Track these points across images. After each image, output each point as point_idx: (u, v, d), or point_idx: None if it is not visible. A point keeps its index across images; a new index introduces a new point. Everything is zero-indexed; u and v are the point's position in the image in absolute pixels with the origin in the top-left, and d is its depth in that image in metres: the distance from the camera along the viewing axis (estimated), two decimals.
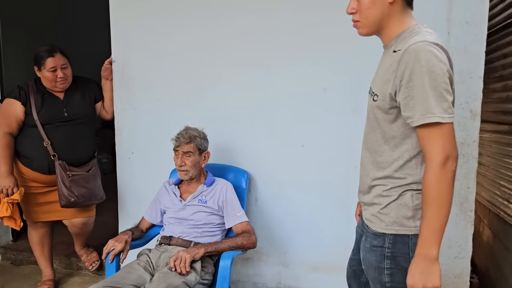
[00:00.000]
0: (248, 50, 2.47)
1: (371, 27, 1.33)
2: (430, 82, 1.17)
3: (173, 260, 1.92)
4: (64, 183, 2.45)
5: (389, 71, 1.27)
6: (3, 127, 2.46)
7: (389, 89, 1.26)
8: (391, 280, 1.33)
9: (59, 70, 2.46)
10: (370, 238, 1.38)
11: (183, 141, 2.19)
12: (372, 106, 1.35)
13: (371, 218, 1.39)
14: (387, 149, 1.33)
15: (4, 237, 3.28)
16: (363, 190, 1.45)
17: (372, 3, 1.29)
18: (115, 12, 2.69)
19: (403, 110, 1.24)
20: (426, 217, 1.22)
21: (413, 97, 1.20)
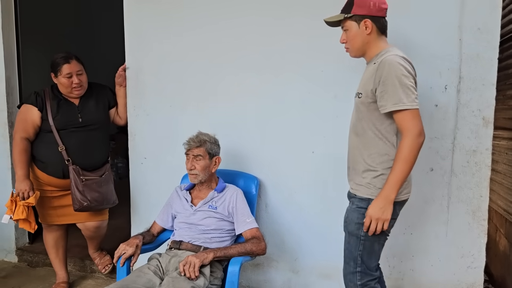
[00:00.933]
0: (258, 57, 2.49)
1: (357, 51, 1.85)
2: (400, 81, 1.64)
3: (182, 264, 1.94)
4: (78, 187, 2.50)
5: (370, 76, 1.74)
6: (20, 132, 2.52)
7: (370, 87, 1.73)
8: (365, 234, 1.75)
9: (74, 76, 2.52)
10: (357, 202, 1.80)
11: (193, 144, 2.22)
12: (357, 102, 1.82)
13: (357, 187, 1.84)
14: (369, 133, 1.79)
15: (21, 240, 3.35)
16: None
17: (356, 35, 1.80)
18: (130, 20, 2.76)
19: (378, 101, 1.70)
20: (395, 170, 1.67)
21: (386, 92, 1.66)
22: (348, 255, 1.83)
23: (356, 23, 1.79)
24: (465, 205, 2.22)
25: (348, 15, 1.79)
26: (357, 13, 1.77)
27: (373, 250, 1.79)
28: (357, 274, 1.79)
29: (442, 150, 2.23)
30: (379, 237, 1.77)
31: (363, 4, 1.76)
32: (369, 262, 1.79)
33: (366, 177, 1.78)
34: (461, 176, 2.21)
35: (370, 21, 1.76)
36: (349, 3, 1.80)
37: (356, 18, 1.78)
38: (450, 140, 2.22)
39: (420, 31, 2.18)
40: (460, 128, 2.19)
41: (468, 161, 2.20)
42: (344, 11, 1.82)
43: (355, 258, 1.79)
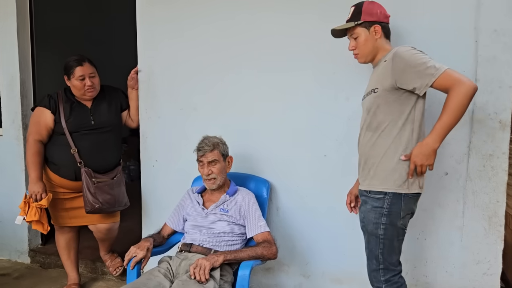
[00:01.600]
0: (270, 60, 2.48)
1: (367, 56, 1.95)
2: (421, 57, 1.73)
3: (192, 267, 1.93)
4: (89, 189, 2.51)
5: (384, 72, 1.82)
6: (34, 135, 2.55)
7: (388, 81, 1.79)
8: (384, 233, 1.82)
9: (87, 78, 2.54)
10: (371, 201, 1.85)
11: (207, 149, 2.20)
12: (372, 98, 1.87)
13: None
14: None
15: (33, 241, 3.39)
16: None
17: (366, 40, 1.91)
18: (142, 24, 2.78)
19: (410, 85, 1.74)
20: (442, 119, 1.70)
21: (416, 72, 1.72)
22: (370, 254, 1.90)
23: (366, 29, 1.91)
24: (481, 210, 2.18)
25: (359, 22, 1.90)
26: (367, 20, 1.90)
27: (393, 247, 1.85)
28: (380, 271, 1.86)
29: (457, 154, 2.19)
30: (397, 233, 1.84)
31: (371, 11, 1.90)
32: (390, 258, 1.85)
33: (384, 169, 1.83)
34: (476, 181, 2.17)
35: (379, 26, 1.90)
36: (357, 12, 1.92)
37: (366, 25, 1.91)
38: (465, 144, 2.17)
39: (436, 33, 2.15)
40: (476, 132, 2.15)
41: (484, 165, 2.15)
42: (353, 20, 1.93)
43: (376, 257, 1.86)
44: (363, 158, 1.94)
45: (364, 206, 1.92)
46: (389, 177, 1.82)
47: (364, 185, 1.93)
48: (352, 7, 1.96)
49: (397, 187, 1.80)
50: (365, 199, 1.91)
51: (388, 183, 1.82)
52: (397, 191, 1.80)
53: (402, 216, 1.82)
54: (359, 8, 1.92)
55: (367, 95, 1.93)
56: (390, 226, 1.82)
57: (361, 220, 1.93)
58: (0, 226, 3.39)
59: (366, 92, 1.96)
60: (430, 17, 2.16)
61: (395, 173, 1.81)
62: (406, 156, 1.79)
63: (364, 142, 1.93)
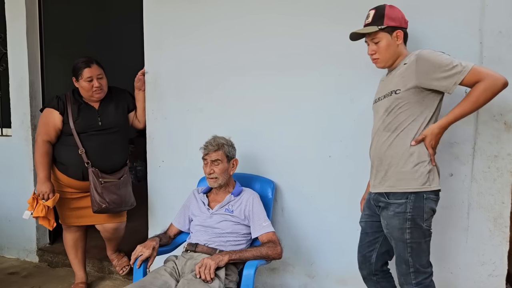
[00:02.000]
0: (276, 61, 2.50)
1: (387, 61, 1.94)
2: (447, 58, 1.76)
3: (198, 267, 1.95)
4: (97, 189, 2.54)
5: (405, 74, 1.83)
6: (42, 135, 2.59)
7: (412, 82, 1.80)
8: (410, 237, 1.82)
9: (95, 80, 2.57)
10: (393, 207, 1.84)
11: (211, 149, 2.23)
12: (393, 99, 1.86)
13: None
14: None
15: (42, 240, 3.43)
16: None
17: (388, 46, 1.90)
18: (149, 26, 2.81)
19: (439, 85, 1.77)
20: (461, 106, 1.76)
21: (444, 71, 1.74)
22: (399, 259, 1.88)
23: (388, 34, 1.89)
24: (486, 212, 2.17)
25: (382, 27, 1.87)
26: (390, 25, 1.87)
27: (421, 249, 1.85)
28: (411, 274, 1.86)
29: (462, 155, 2.19)
30: (423, 235, 1.84)
31: (394, 16, 1.89)
32: (420, 261, 1.85)
33: (405, 169, 1.83)
34: (482, 182, 2.17)
35: (402, 32, 1.90)
36: (379, 16, 1.89)
37: (389, 30, 1.88)
38: (470, 145, 2.17)
39: (441, 34, 2.15)
40: (481, 133, 2.15)
41: (489, 166, 2.15)
42: (375, 24, 1.89)
43: (406, 261, 1.85)
44: (378, 159, 1.92)
45: (385, 212, 1.89)
46: (410, 177, 1.82)
47: (381, 188, 1.91)
48: (371, 10, 1.93)
49: (420, 185, 1.80)
50: (385, 205, 1.89)
51: (410, 183, 1.82)
52: (420, 190, 1.80)
53: (425, 218, 1.82)
54: (381, 12, 1.89)
55: (384, 97, 1.92)
56: (416, 229, 1.82)
57: (385, 227, 1.91)
58: (9, 225, 3.44)
59: (382, 94, 1.94)
60: (434, 19, 2.17)
61: (415, 173, 1.81)
62: (416, 140, 1.81)
63: (379, 143, 1.92)
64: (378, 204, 1.95)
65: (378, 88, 2.07)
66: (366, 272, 2.07)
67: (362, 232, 2.09)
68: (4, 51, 3.36)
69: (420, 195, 1.81)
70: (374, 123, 1.99)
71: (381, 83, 2.05)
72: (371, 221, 2.04)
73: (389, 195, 1.87)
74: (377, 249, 2.04)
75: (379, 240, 2.03)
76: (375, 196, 1.96)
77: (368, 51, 1.96)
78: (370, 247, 2.05)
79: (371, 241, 2.04)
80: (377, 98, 1.99)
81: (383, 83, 2.00)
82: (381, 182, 1.91)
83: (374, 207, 2.00)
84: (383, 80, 2.03)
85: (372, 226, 2.04)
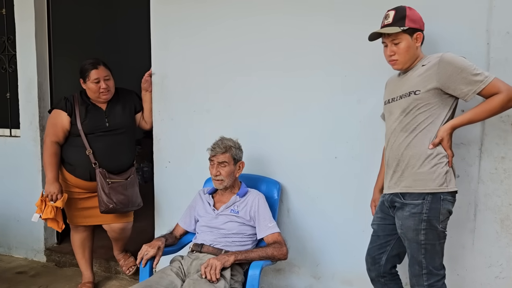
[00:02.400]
0: (282, 62, 2.50)
1: (406, 63, 1.92)
2: (471, 65, 1.78)
3: (204, 267, 1.96)
4: (104, 190, 2.56)
5: (425, 76, 1.84)
6: (50, 136, 2.61)
7: (432, 84, 1.81)
8: (425, 238, 1.81)
9: (102, 81, 2.59)
10: (409, 208, 1.84)
11: (218, 151, 2.23)
12: (411, 100, 1.86)
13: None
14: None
15: (49, 240, 3.46)
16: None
17: (409, 47, 1.89)
18: (156, 28, 2.83)
19: (458, 90, 1.79)
20: (474, 111, 1.80)
21: (466, 78, 1.77)
22: (412, 260, 1.88)
23: (409, 36, 1.88)
24: (493, 213, 2.16)
25: (404, 28, 1.86)
26: (411, 27, 1.86)
27: (435, 251, 1.84)
28: (423, 276, 1.85)
29: (469, 157, 2.18)
30: (438, 237, 1.84)
31: (415, 18, 1.88)
32: (433, 262, 1.85)
33: (423, 170, 1.83)
34: (488, 183, 2.15)
35: (422, 34, 1.90)
36: (400, 17, 1.87)
37: (410, 31, 1.87)
38: (477, 147, 2.16)
39: (447, 35, 2.14)
40: (487, 134, 2.14)
41: (496, 168, 2.14)
42: (396, 25, 1.87)
43: (419, 262, 1.85)
44: (395, 160, 1.91)
45: (400, 212, 1.88)
46: (428, 178, 1.81)
47: (397, 188, 1.90)
48: (391, 11, 1.90)
49: (437, 186, 1.80)
50: (400, 205, 1.88)
51: (427, 184, 1.81)
52: (438, 191, 1.80)
53: (441, 220, 1.82)
54: (402, 13, 1.87)
55: (400, 98, 1.91)
56: (431, 230, 1.81)
57: (399, 227, 1.89)
58: (17, 226, 3.48)
59: (397, 94, 1.93)
60: (442, 20, 2.16)
61: (433, 174, 1.81)
62: (433, 144, 1.81)
63: (396, 144, 1.91)
64: (393, 204, 1.94)
65: (388, 88, 2.06)
66: (375, 274, 2.07)
67: (373, 234, 2.08)
68: (13, 53, 3.41)
69: (437, 196, 1.81)
70: (389, 124, 1.97)
71: (391, 84, 2.04)
72: (384, 224, 2.03)
73: (405, 195, 1.86)
74: (387, 252, 2.03)
75: (390, 243, 2.02)
76: (389, 197, 1.95)
77: (386, 52, 1.93)
78: (381, 250, 2.04)
79: (382, 244, 2.04)
80: (390, 98, 1.98)
81: (396, 83, 1.99)
82: (397, 183, 1.90)
83: (387, 209, 1.99)
84: (394, 81, 2.02)
85: (384, 229, 2.02)
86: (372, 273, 2.08)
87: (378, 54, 2.20)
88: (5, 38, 3.46)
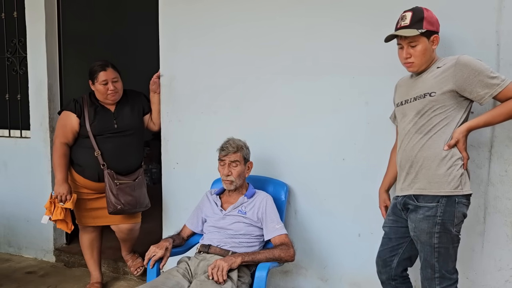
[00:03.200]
0: (290, 63, 2.50)
1: (422, 66, 1.90)
2: (488, 68, 1.78)
3: (211, 268, 1.96)
4: (112, 191, 2.58)
5: (441, 78, 1.83)
6: (60, 138, 2.64)
7: (449, 86, 1.80)
8: (438, 242, 1.80)
9: (110, 83, 2.62)
10: (423, 211, 1.82)
11: (231, 150, 2.23)
12: (427, 101, 1.85)
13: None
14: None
15: (59, 240, 3.49)
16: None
17: (426, 50, 1.86)
18: (164, 30, 2.85)
19: (475, 92, 1.78)
20: (491, 114, 1.81)
21: (482, 81, 1.77)
22: (425, 263, 1.86)
23: (426, 38, 1.85)
24: (502, 216, 2.13)
25: (423, 31, 1.83)
26: (429, 29, 1.84)
27: (448, 254, 1.83)
28: (436, 279, 1.84)
29: (479, 159, 2.15)
30: (452, 240, 1.83)
31: (433, 20, 1.86)
32: (446, 266, 1.83)
33: (438, 172, 1.81)
34: (498, 186, 2.13)
35: (438, 36, 1.89)
36: (418, 19, 1.84)
37: (427, 34, 1.85)
38: (487, 149, 2.14)
39: (457, 36, 2.12)
40: (497, 136, 2.11)
41: (507, 170, 2.11)
42: (414, 27, 1.84)
43: (432, 265, 1.83)
44: (408, 161, 1.89)
45: (413, 215, 1.86)
46: (443, 180, 1.79)
47: (410, 190, 1.88)
48: (407, 12, 1.87)
49: (452, 189, 1.79)
50: (414, 207, 1.87)
51: (442, 186, 1.80)
52: (453, 194, 1.78)
53: (456, 223, 1.80)
54: (420, 15, 1.84)
55: (414, 99, 1.89)
56: (445, 234, 1.80)
57: (412, 230, 1.88)
58: (27, 226, 3.51)
59: (411, 96, 1.91)
60: (451, 21, 2.13)
61: (448, 176, 1.79)
62: (449, 145, 1.80)
63: (410, 145, 1.89)
64: (406, 207, 1.92)
65: (399, 90, 2.04)
66: (386, 276, 2.05)
67: (385, 237, 2.06)
68: (24, 55, 3.45)
69: (452, 199, 1.79)
70: (402, 126, 1.95)
71: (404, 86, 2.01)
72: (396, 227, 2.01)
73: (419, 198, 1.85)
74: (399, 255, 2.01)
75: (402, 246, 2.00)
76: (402, 199, 1.93)
77: (402, 54, 1.90)
78: (392, 252, 2.02)
79: (394, 247, 2.02)
80: (404, 100, 1.96)
81: (409, 85, 1.97)
82: (410, 185, 1.88)
83: (400, 211, 1.97)
84: (407, 82, 2.00)
85: (396, 231, 2.01)
86: (383, 275, 2.06)
87: (386, 56, 2.20)
88: (16, 40, 3.51)
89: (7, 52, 3.59)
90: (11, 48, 3.56)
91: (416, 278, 2.21)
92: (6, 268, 3.31)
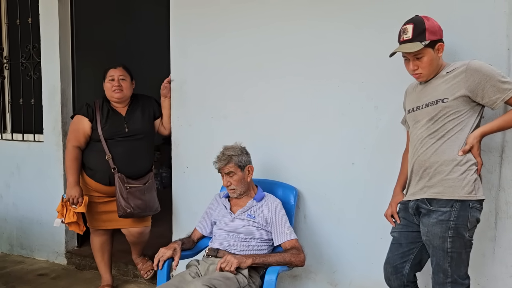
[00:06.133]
0: (299, 68, 2.51)
1: (430, 75, 1.91)
2: (500, 73, 1.79)
3: (220, 262, 1.99)
4: (122, 194, 2.61)
5: (452, 83, 1.83)
6: (72, 141, 2.68)
7: (461, 92, 1.81)
8: (451, 246, 1.79)
9: (116, 79, 2.67)
10: (436, 215, 1.81)
11: (222, 163, 2.25)
12: (439, 107, 1.85)
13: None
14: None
15: (70, 243, 3.53)
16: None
17: (432, 59, 1.87)
18: (175, 36, 2.89)
19: (487, 97, 1.79)
20: (503, 119, 1.82)
21: (494, 86, 1.77)
22: (437, 268, 1.85)
23: (431, 49, 1.85)
24: None
25: (426, 43, 1.83)
26: (432, 39, 1.84)
27: (461, 259, 1.82)
28: (447, 284, 1.83)
29: (489, 164, 2.14)
30: (465, 245, 1.82)
31: (435, 30, 1.85)
32: (458, 271, 1.83)
33: (451, 176, 1.81)
34: (509, 191, 2.11)
35: (443, 43, 1.88)
36: (420, 31, 1.83)
37: (431, 44, 1.84)
38: (497, 153, 2.13)
39: (467, 41, 2.12)
40: (508, 141, 2.10)
41: None
42: (417, 40, 1.83)
43: (444, 270, 1.82)
44: (421, 166, 1.88)
45: (426, 219, 1.85)
46: (457, 185, 1.79)
47: (424, 194, 1.87)
48: (408, 25, 1.86)
49: (466, 194, 1.78)
50: (426, 212, 1.86)
51: (456, 191, 1.79)
52: (467, 199, 1.78)
53: (469, 228, 1.80)
54: (421, 26, 1.82)
55: (426, 105, 1.89)
56: (458, 238, 1.79)
57: (424, 234, 1.87)
58: (39, 229, 3.56)
59: (423, 102, 1.91)
60: (461, 25, 2.14)
61: (463, 181, 1.79)
62: (463, 151, 1.80)
63: (423, 149, 1.88)
64: (418, 211, 1.91)
65: (410, 97, 2.03)
66: (397, 283, 2.01)
67: (394, 242, 2.03)
68: (38, 61, 3.51)
69: (465, 204, 1.78)
70: (415, 131, 1.94)
71: (414, 92, 2.01)
72: (407, 231, 1.99)
73: (432, 202, 1.84)
74: (410, 260, 1.99)
75: (414, 251, 1.98)
76: (414, 203, 1.92)
77: (409, 66, 1.91)
78: (404, 258, 1.99)
79: (404, 252, 1.99)
80: (415, 107, 1.95)
81: (419, 91, 1.96)
82: (423, 189, 1.87)
83: (411, 216, 1.96)
84: (417, 89, 2.00)
85: (407, 236, 1.99)
86: (393, 283, 2.02)
87: (395, 60, 2.19)
88: (30, 46, 3.58)
89: (21, 58, 3.66)
90: (26, 54, 3.63)
91: (426, 284, 2.20)
92: (18, 270, 3.36)
